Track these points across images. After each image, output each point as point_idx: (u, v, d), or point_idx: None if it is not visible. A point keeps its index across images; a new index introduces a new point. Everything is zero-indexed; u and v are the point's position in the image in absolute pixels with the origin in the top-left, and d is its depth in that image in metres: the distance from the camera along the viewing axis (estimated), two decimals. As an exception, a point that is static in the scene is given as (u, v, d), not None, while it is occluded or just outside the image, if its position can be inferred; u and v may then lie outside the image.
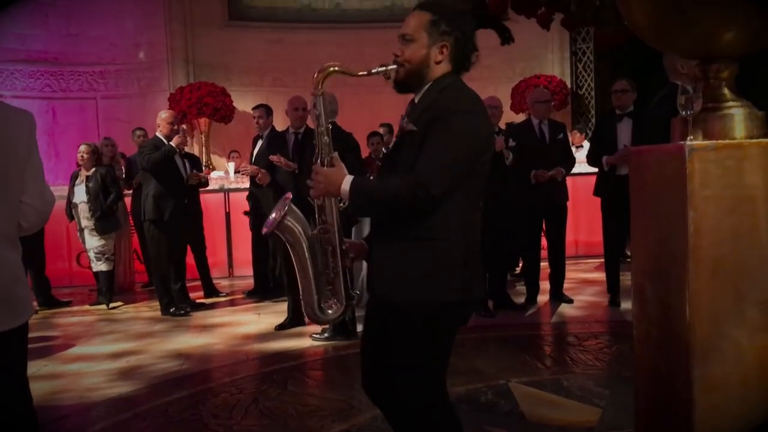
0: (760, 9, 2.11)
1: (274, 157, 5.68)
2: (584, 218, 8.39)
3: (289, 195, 2.45)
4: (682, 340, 2.25)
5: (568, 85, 12.02)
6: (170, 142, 6.30)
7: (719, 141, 2.24)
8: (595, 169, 6.03)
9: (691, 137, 2.26)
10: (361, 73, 2.31)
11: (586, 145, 10.33)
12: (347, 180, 2.17)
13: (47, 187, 2.37)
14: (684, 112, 2.27)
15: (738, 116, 2.30)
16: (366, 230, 4.61)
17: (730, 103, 2.33)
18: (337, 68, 2.29)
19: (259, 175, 6.06)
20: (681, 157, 2.21)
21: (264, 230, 2.41)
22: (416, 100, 2.29)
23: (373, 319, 2.39)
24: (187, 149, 7.22)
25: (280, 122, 10.67)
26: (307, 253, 2.35)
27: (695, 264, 2.21)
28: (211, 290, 7.42)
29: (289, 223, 2.34)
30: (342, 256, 2.34)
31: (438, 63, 2.23)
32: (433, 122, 2.13)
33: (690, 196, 2.20)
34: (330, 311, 2.38)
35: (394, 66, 2.25)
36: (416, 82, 2.26)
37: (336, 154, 2.27)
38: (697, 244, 2.21)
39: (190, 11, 11.92)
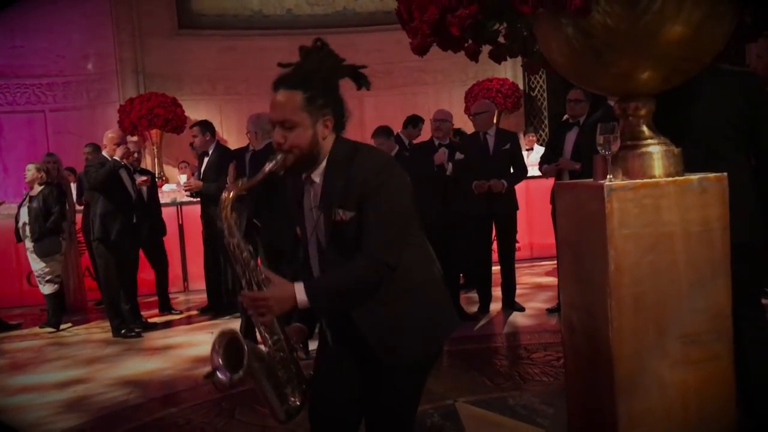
0: (666, 54, 2.15)
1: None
2: (538, 221, 8.49)
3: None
4: (608, 376, 2.29)
5: (521, 88, 12.10)
6: (113, 157, 6.20)
7: (637, 180, 2.29)
8: None
9: (611, 176, 2.29)
10: (258, 179, 2.10)
11: (537, 148, 10.45)
12: (299, 289, 2.02)
13: None
14: (603, 151, 2.31)
15: (656, 154, 2.34)
16: None
17: (648, 141, 2.37)
18: (234, 193, 2.08)
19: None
20: (600, 196, 2.25)
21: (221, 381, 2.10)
22: (317, 179, 2.16)
23: (341, 362, 2.27)
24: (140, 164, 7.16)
25: (234, 132, 10.58)
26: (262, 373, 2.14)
27: (617, 302, 2.25)
28: (166, 307, 7.36)
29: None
30: (289, 348, 2.20)
31: (325, 138, 2.12)
32: (367, 194, 2.04)
33: (610, 235, 2.24)
34: (297, 404, 2.23)
35: (282, 155, 2.07)
36: (310, 163, 2.13)
37: (265, 272, 2.09)
38: (618, 281, 2.25)
39: (138, 21, 11.72)
